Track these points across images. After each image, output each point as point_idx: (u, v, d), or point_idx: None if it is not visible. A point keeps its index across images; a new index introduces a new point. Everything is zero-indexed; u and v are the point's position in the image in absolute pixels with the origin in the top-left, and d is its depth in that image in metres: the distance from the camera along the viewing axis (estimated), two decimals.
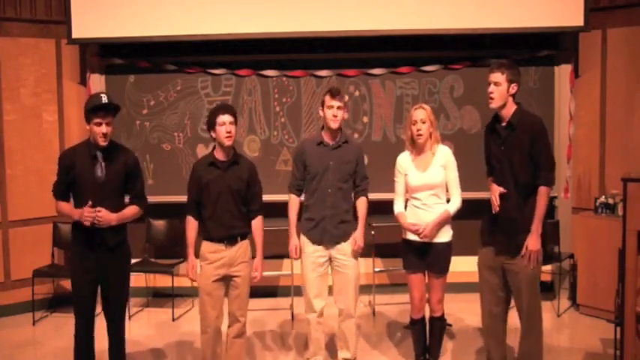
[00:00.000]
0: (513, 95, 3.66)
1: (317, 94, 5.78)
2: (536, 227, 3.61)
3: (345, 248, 4.09)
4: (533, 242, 3.61)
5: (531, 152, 3.59)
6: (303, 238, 4.14)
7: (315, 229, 4.08)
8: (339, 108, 4.00)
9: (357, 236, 4.10)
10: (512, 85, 3.63)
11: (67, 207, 3.79)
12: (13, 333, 5.24)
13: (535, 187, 3.63)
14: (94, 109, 3.62)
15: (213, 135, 3.84)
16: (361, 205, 4.15)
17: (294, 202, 4.18)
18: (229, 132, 3.78)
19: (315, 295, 4.10)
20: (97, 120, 3.62)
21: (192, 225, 3.93)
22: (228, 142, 3.80)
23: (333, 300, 4.17)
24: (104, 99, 3.65)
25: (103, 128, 3.63)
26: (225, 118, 3.78)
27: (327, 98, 4.02)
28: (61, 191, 3.79)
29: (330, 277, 4.16)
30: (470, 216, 4.08)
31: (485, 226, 3.84)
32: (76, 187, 3.72)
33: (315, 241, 4.08)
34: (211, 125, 3.83)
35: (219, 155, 3.87)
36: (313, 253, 4.09)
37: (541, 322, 3.75)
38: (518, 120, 3.63)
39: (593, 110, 5.70)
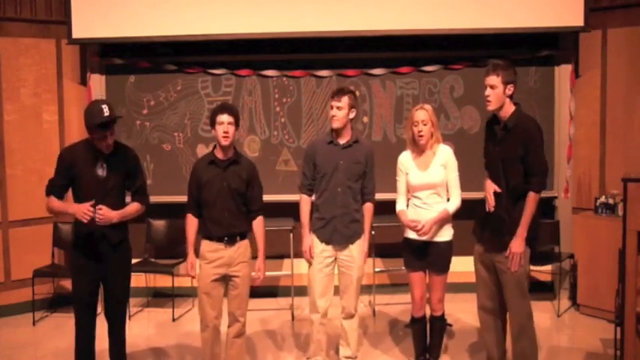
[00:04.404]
0: (510, 96, 3.66)
1: (317, 94, 5.78)
2: (522, 231, 3.62)
3: (352, 250, 4.10)
4: (516, 245, 3.62)
5: (523, 157, 3.59)
6: (312, 235, 4.15)
7: (324, 229, 4.09)
8: (338, 108, 4.00)
9: (364, 247, 4.15)
10: (509, 86, 3.63)
11: (59, 203, 3.71)
12: (13, 333, 5.24)
13: (525, 191, 3.63)
14: (99, 127, 3.56)
15: (214, 133, 3.86)
16: (367, 212, 4.16)
17: (305, 202, 4.18)
18: (226, 132, 3.79)
19: (320, 295, 4.11)
20: (102, 135, 3.58)
21: (192, 223, 3.95)
22: (224, 142, 3.81)
23: (339, 298, 4.19)
24: (105, 111, 3.55)
25: (109, 140, 3.62)
26: (223, 118, 3.80)
27: (330, 99, 4.05)
28: (57, 187, 3.72)
29: (336, 277, 4.18)
30: (470, 216, 4.07)
31: (477, 221, 3.87)
32: (77, 186, 3.71)
33: (324, 240, 4.10)
34: (212, 123, 3.86)
35: (219, 154, 3.88)
36: (321, 253, 4.10)
37: (532, 323, 3.75)
38: (514, 123, 3.62)
39: (593, 110, 5.70)
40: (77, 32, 5.55)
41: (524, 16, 5.44)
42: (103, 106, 3.60)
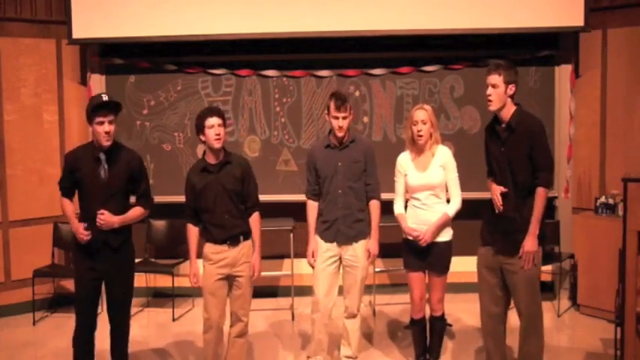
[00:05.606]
0: (512, 96, 3.65)
1: (317, 94, 5.78)
2: (533, 229, 3.60)
3: (356, 249, 4.10)
4: (529, 243, 3.60)
5: (530, 153, 3.59)
6: (316, 237, 4.16)
7: (328, 231, 4.10)
8: (344, 118, 4.02)
9: (372, 246, 4.14)
10: (510, 86, 3.62)
11: (69, 211, 3.82)
12: (13, 333, 5.24)
13: (534, 188, 3.63)
14: (95, 108, 3.63)
15: (203, 138, 3.83)
16: (374, 209, 4.15)
17: (311, 207, 4.20)
18: (218, 134, 3.78)
19: (324, 295, 4.11)
20: (99, 119, 3.62)
21: (192, 232, 3.95)
22: (217, 145, 3.80)
23: (343, 298, 4.20)
24: (105, 97, 3.67)
25: (106, 127, 3.63)
26: (213, 121, 3.78)
27: (332, 108, 4.01)
28: (65, 188, 3.83)
29: (341, 276, 4.18)
30: (470, 216, 4.07)
31: (484, 225, 3.85)
32: (81, 189, 3.75)
33: (328, 241, 4.10)
34: (200, 129, 3.83)
35: (210, 159, 3.87)
36: (325, 252, 4.11)
37: (541, 323, 3.74)
38: (518, 121, 3.62)
39: (593, 110, 5.70)
40: (77, 32, 5.55)
41: (524, 16, 5.44)
42: (103, 94, 3.74)
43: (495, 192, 3.70)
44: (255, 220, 3.98)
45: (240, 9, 5.50)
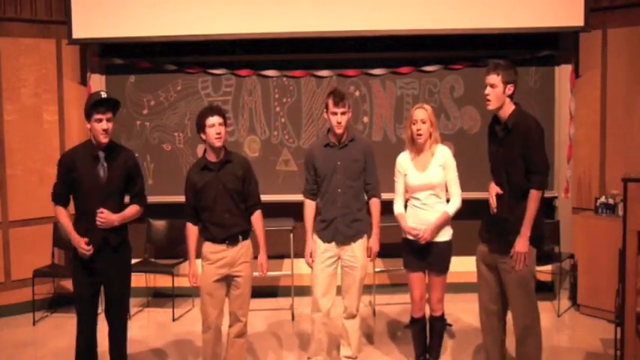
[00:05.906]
0: (510, 96, 3.64)
1: (317, 94, 5.78)
2: (525, 230, 3.59)
3: (354, 249, 4.10)
4: (520, 244, 3.59)
5: (524, 154, 3.58)
6: (315, 237, 4.16)
7: (326, 230, 4.09)
8: (342, 114, 4.00)
9: (372, 244, 4.14)
10: (509, 86, 3.61)
11: (64, 220, 3.76)
12: (13, 333, 5.24)
13: (528, 189, 3.62)
14: (93, 105, 3.64)
15: (203, 137, 3.84)
16: (374, 208, 4.15)
17: (309, 207, 4.19)
18: (219, 133, 3.79)
19: (322, 295, 4.11)
20: (98, 116, 3.62)
21: (192, 231, 3.95)
22: (218, 144, 3.81)
23: (342, 298, 4.20)
24: (103, 95, 3.68)
25: (104, 124, 3.63)
26: (214, 120, 3.79)
27: (331, 104, 4.00)
28: (60, 194, 3.77)
29: (340, 276, 4.18)
30: (470, 216, 4.07)
31: (483, 224, 3.86)
32: (78, 189, 3.72)
33: (327, 240, 4.10)
34: (200, 128, 3.83)
35: (211, 157, 3.87)
36: (324, 252, 4.10)
37: (538, 324, 3.72)
38: (514, 122, 3.61)
39: (593, 110, 5.70)
40: (77, 32, 5.55)
41: (524, 16, 5.44)
42: (102, 92, 3.75)
43: (491, 193, 3.70)
44: (257, 218, 3.99)
45: (240, 9, 5.50)
